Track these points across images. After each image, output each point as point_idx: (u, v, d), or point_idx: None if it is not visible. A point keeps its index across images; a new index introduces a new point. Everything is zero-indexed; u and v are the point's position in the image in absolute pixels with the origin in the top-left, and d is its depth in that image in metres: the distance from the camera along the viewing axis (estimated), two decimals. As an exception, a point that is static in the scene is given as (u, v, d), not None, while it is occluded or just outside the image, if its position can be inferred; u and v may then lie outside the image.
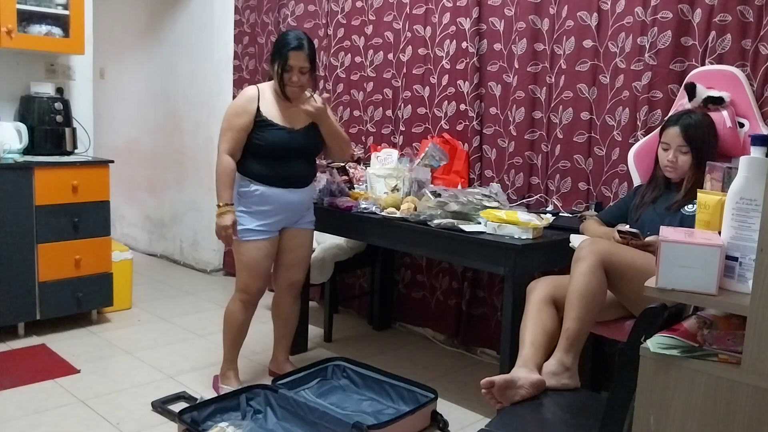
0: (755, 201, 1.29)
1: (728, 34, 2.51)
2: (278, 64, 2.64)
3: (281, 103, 2.71)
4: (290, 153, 2.70)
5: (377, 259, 3.75)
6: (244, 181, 2.68)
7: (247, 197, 2.68)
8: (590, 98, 2.95)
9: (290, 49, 2.60)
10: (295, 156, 2.72)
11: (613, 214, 2.55)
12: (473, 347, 3.49)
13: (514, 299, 2.41)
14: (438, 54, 3.48)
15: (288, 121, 2.70)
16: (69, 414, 2.67)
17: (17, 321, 3.43)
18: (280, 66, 2.64)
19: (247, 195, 2.68)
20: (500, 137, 3.27)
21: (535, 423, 1.92)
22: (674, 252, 1.35)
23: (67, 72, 3.99)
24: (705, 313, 1.49)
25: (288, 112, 2.71)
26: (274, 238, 2.77)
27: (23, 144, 3.55)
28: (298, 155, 2.73)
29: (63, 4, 3.68)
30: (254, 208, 2.69)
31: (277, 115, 2.69)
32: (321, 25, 4.05)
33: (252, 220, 2.69)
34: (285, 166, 2.70)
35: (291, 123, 2.70)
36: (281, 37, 2.69)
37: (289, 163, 2.70)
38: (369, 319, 3.90)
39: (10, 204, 3.32)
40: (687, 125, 2.29)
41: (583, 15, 2.93)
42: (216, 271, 4.94)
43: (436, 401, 2.68)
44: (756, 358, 1.25)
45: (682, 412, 1.35)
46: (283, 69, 2.63)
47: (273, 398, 2.62)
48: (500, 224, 2.49)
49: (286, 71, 2.63)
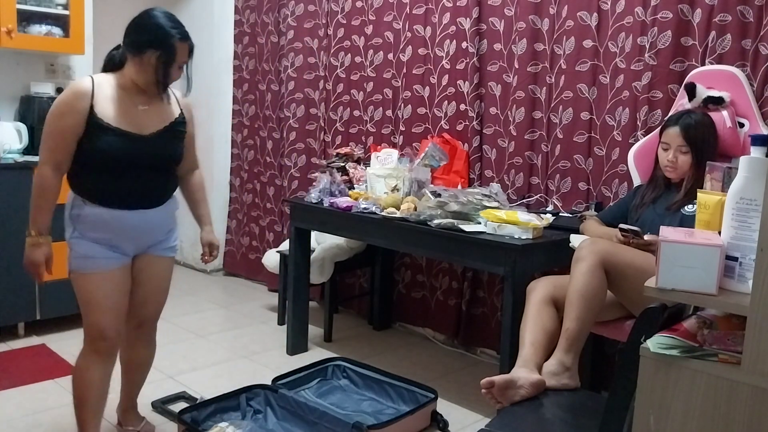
0: (755, 201, 1.29)
1: (728, 34, 2.51)
2: (160, 55, 2.06)
3: (126, 101, 2.10)
4: (134, 165, 2.09)
5: (377, 259, 3.75)
6: (76, 201, 2.11)
7: (81, 221, 2.10)
8: (590, 98, 2.95)
9: (178, 39, 2.09)
10: (143, 168, 2.11)
11: (613, 214, 2.55)
12: (473, 347, 3.49)
13: (514, 299, 2.41)
14: (438, 54, 3.48)
15: (133, 124, 2.09)
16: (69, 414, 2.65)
17: (17, 321, 3.43)
18: (163, 57, 2.07)
19: (80, 219, 2.10)
20: (500, 137, 3.27)
21: (535, 423, 1.92)
22: (674, 252, 1.35)
23: (67, 72, 3.99)
24: (705, 313, 1.49)
25: (134, 112, 2.10)
26: (126, 266, 2.18)
27: (23, 144, 3.55)
28: (146, 167, 2.12)
29: (63, 4, 3.68)
30: (90, 235, 2.10)
31: (118, 117, 2.07)
32: (321, 25, 4.05)
33: (91, 246, 2.10)
34: (127, 182, 2.09)
35: (138, 127, 2.10)
36: (157, 22, 2.09)
37: (133, 177, 2.10)
38: (369, 319, 3.90)
39: (10, 204, 3.32)
40: (687, 125, 2.29)
41: (583, 15, 2.93)
42: (216, 271, 4.94)
43: (436, 401, 2.68)
44: (756, 358, 1.25)
45: (682, 412, 1.35)
46: (167, 61, 2.08)
47: (273, 398, 2.61)
48: (500, 224, 2.49)
49: (169, 64, 2.09)
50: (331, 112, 4.05)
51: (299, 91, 4.23)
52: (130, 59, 2.10)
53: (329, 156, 3.76)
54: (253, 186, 4.66)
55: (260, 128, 4.57)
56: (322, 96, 4.08)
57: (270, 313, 4.05)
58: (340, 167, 3.43)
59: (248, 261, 4.71)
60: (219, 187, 4.85)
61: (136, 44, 2.08)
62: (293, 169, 4.29)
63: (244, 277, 4.80)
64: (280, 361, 3.28)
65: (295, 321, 3.37)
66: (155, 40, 2.07)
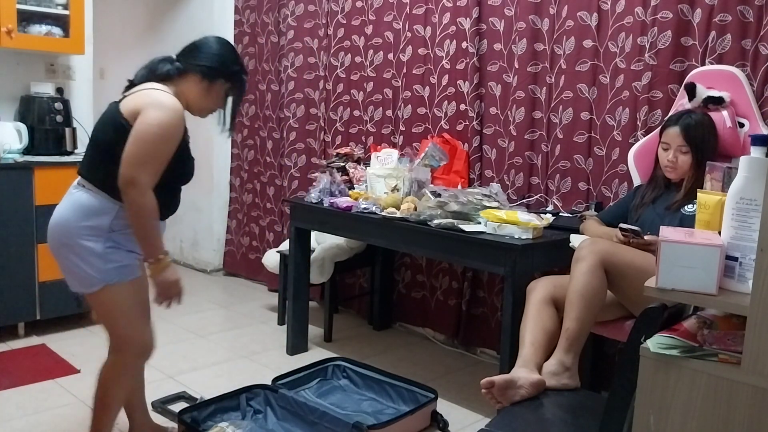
0: (755, 201, 1.29)
1: (728, 34, 2.51)
2: (230, 87, 2.13)
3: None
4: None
5: (377, 259, 3.75)
6: (121, 213, 1.99)
7: (121, 233, 2.02)
8: (590, 98, 2.95)
9: (246, 75, 2.16)
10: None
11: (613, 214, 2.55)
12: (473, 347, 3.49)
13: (514, 299, 2.41)
14: (438, 54, 3.48)
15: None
16: (69, 414, 2.67)
17: (17, 321, 3.43)
18: (232, 91, 2.15)
19: (122, 230, 2.02)
20: (500, 137, 3.27)
21: (535, 423, 1.92)
22: (674, 252, 1.35)
23: (67, 72, 3.99)
24: (705, 313, 1.49)
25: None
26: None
27: (23, 144, 3.55)
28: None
29: (63, 4, 3.68)
30: (127, 246, 2.04)
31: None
32: (321, 25, 4.05)
33: (127, 254, 2.05)
34: (177, 196, 2.18)
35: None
36: (235, 56, 2.15)
37: (180, 191, 2.19)
38: (369, 319, 3.90)
39: (10, 204, 3.32)
40: (687, 125, 2.29)
41: (583, 15, 2.93)
42: (216, 271, 4.94)
43: (436, 401, 2.68)
44: (756, 358, 1.25)
45: (682, 412, 1.35)
46: (235, 95, 2.16)
47: (273, 398, 2.61)
48: (500, 224, 2.49)
49: (238, 100, 2.18)
50: (331, 112, 4.05)
51: (299, 91, 4.23)
52: (194, 80, 2.08)
53: (329, 156, 3.76)
54: (253, 186, 4.66)
55: (260, 128, 4.57)
56: (322, 96, 4.08)
57: (270, 313, 4.05)
58: (340, 167, 3.43)
59: (248, 261, 4.71)
60: (219, 187, 4.85)
61: (210, 70, 2.07)
62: (293, 169, 4.29)
63: (244, 277, 4.80)
64: (280, 361, 3.28)
65: (295, 321, 3.37)
66: (231, 73, 2.10)
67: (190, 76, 2.08)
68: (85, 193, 2.03)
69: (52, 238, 2.05)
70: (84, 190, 2.03)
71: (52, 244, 2.06)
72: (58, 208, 2.07)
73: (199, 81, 2.07)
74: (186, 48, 2.13)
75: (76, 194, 2.04)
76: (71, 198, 2.05)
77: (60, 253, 2.04)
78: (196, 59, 2.08)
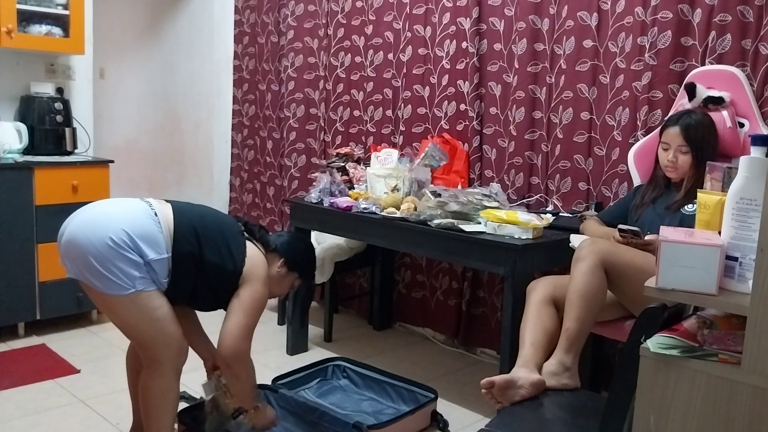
0: (755, 201, 1.29)
1: (728, 34, 2.51)
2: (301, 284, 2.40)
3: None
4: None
5: (377, 259, 3.75)
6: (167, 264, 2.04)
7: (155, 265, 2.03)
8: (590, 98, 2.95)
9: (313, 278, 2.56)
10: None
11: (613, 214, 2.55)
12: (473, 347, 3.49)
13: (514, 299, 2.41)
14: (438, 54, 3.48)
15: None
16: (69, 414, 2.67)
17: (17, 321, 3.43)
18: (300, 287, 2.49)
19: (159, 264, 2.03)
20: (500, 137, 3.27)
21: (535, 423, 1.92)
22: (674, 252, 1.35)
23: (67, 72, 3.99)
24: (705, 313, 1.49)
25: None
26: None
27: (23, 144, 3.55)
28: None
29: (63, 4, 3.68)
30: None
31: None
32: (321, 25, 4.05)
33: (141, 270, 2.01)
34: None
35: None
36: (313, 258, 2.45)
37: None
38: (369, 319, 3.90)
39: (10, 204, 3.32)
40: (687, 125, 2.29)
41: (583, 15, 2.93)
42: (216, 271, 4.93)
43: (436, 401, 2.68)
44: (756, 358, 1.25)
45: (682, 412, 1.35)
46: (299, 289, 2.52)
47: (273, 398, 2.61)
48: (500, 224, 2.49)
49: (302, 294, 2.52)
50: (331, 112, 4.05)
51: (299, 91, 4.22)
52: (277, 264, 2.27)
53: (329, 156, 3.76)
54: (253, 186, 4.66)
55: (260, 128, 4.57)
56: (322, 96, 4.08)
57: (270, 313, 4.04)
58: (340, 167, 3.43)
59: (248, 261, 4.70)
60: (219, 187, 4.84)
61: (293, 262, 2.30)
62: (293, 169, 4.29)
63: (244, 277, 4.79)
64: (280, 361, 3.28)
65: (295, 321, 3.37)
66: (307, 273, 2.40)
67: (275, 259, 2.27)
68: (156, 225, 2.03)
69: (87, 248, 1.99)
70: (156, 222, 2.03)
71: (84, 252, 1.99)
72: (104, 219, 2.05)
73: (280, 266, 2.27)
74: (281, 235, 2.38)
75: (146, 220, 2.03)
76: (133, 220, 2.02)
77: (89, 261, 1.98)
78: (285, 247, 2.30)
